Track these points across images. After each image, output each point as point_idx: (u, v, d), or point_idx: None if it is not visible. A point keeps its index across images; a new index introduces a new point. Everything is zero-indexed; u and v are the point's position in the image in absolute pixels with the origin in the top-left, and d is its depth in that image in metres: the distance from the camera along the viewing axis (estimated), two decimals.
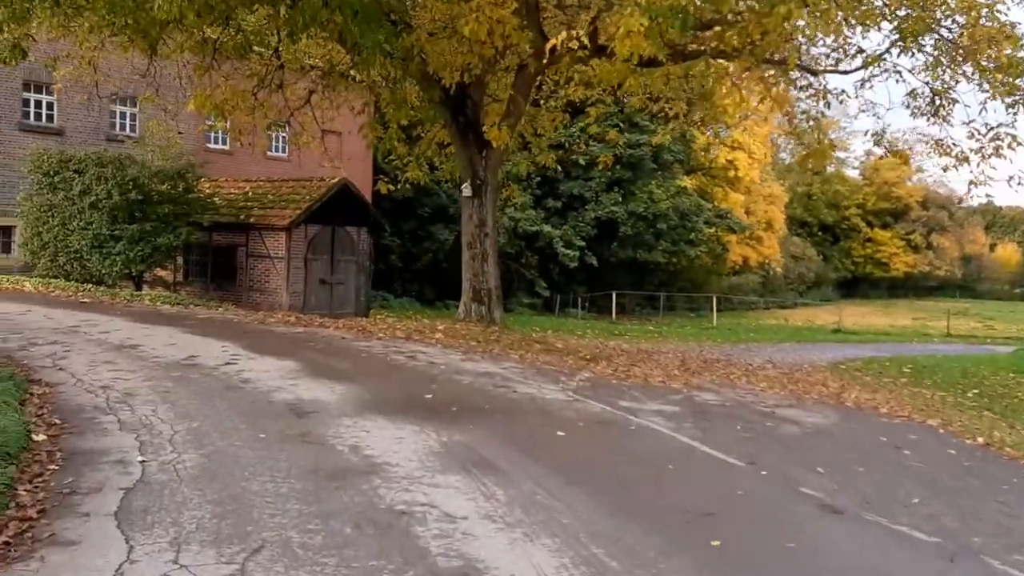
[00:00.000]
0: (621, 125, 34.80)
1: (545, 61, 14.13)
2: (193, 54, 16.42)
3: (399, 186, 20.64)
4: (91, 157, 18.80)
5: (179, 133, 20.20)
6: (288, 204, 21.11)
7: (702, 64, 15.24)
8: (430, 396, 8.42)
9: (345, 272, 22.33)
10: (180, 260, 21.35)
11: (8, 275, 19.68)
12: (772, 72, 15.43)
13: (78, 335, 11.58)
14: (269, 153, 28.06)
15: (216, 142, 26.74)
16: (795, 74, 15.56)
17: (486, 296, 16.45)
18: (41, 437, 6.29)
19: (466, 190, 16.39)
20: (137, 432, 6.62)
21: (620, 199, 37.50)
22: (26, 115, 21.60)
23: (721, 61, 15.77)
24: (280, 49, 17.92)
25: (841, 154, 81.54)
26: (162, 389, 8.17)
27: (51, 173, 19.00)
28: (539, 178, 36.15)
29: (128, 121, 23.82)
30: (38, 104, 21.85)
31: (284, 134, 28.12)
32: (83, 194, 18.69)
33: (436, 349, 12.01)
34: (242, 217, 21.11)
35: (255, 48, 17.16)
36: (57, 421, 6.82)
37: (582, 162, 35.77)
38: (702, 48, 14.51)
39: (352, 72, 18.95)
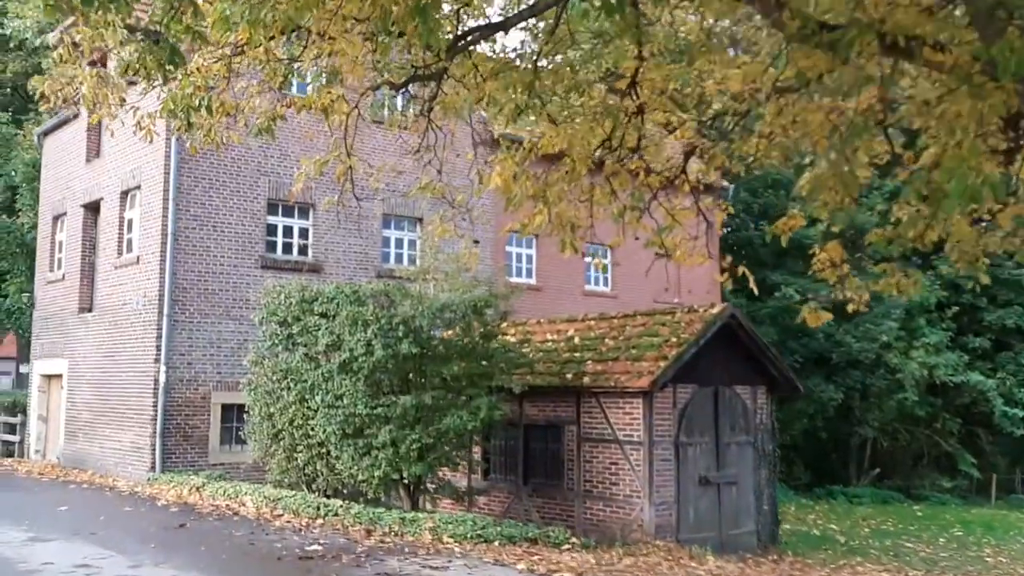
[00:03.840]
0: None
1: None
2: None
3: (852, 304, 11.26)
4: (343, 292, 11.67)
5: (475, 243, 12.52)
6: (643, 352, 12.58)
7: None
8: None
9: (738, 462, 13.14)
10: (477, 452, 13.38)
11: (231, 481, 12.74)
12: None
13: None
14: (587, 287, 20.24)
15: (520, 274, 19.33)
16: None
17: None
18: None
19: None
20: None
21: None
22: (271, 247, 15.40)
23: None
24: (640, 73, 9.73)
25: None
26: None
27: (288, 321, 12.08)
28: (954, 306, 25.13)
29: (406, 251, 17.10)
30: (287, 231, 15.64)
31: (606, 244, 20.11)
32: (331, 349, 11.48)
33: None
34: (570, 376, 12.88)
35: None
36: None
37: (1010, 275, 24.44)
38: None
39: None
